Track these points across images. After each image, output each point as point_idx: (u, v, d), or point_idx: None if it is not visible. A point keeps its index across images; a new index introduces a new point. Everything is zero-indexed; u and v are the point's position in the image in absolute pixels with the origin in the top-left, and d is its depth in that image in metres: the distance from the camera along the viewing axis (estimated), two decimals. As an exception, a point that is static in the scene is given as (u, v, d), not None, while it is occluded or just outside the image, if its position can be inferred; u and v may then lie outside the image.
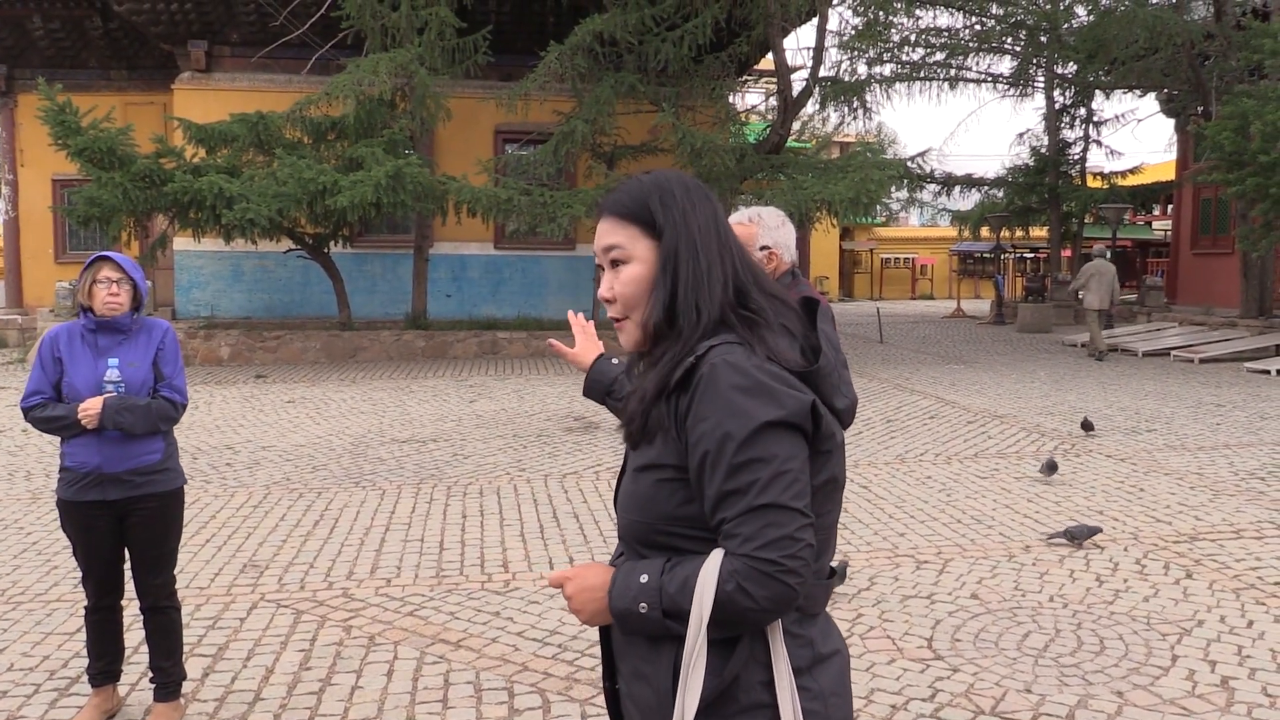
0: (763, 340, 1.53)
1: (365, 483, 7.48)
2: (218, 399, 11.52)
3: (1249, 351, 15.57)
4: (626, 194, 1.62)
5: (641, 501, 1.56)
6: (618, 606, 1.52)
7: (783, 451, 1.46)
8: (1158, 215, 31.69)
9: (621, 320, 1.62)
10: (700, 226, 1.58)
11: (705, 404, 1.47)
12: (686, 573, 1.48)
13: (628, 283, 1.59)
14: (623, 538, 1.63)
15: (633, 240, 1.59)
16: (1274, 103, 14.80)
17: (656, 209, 1.58)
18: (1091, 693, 3.93)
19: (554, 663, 4.23)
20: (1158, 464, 8.06)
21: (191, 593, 5.05)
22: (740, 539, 1.44)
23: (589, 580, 1.58)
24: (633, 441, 1.60)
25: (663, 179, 1.62)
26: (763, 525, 1.43)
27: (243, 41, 17.29)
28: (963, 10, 21.18)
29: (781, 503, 1.44)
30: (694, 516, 1.52)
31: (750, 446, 1.44)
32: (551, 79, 15.45)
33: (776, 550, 1.43)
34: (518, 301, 18.25)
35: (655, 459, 1.54)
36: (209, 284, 17.52)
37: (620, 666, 1.65)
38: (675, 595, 1.47)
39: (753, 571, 1.43)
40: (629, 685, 1.62)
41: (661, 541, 1.55)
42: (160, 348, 3.65)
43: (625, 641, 1.61)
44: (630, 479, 1.60)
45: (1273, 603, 4.90)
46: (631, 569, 1.54)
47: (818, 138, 23.36)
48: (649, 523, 1.55)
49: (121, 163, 13.79)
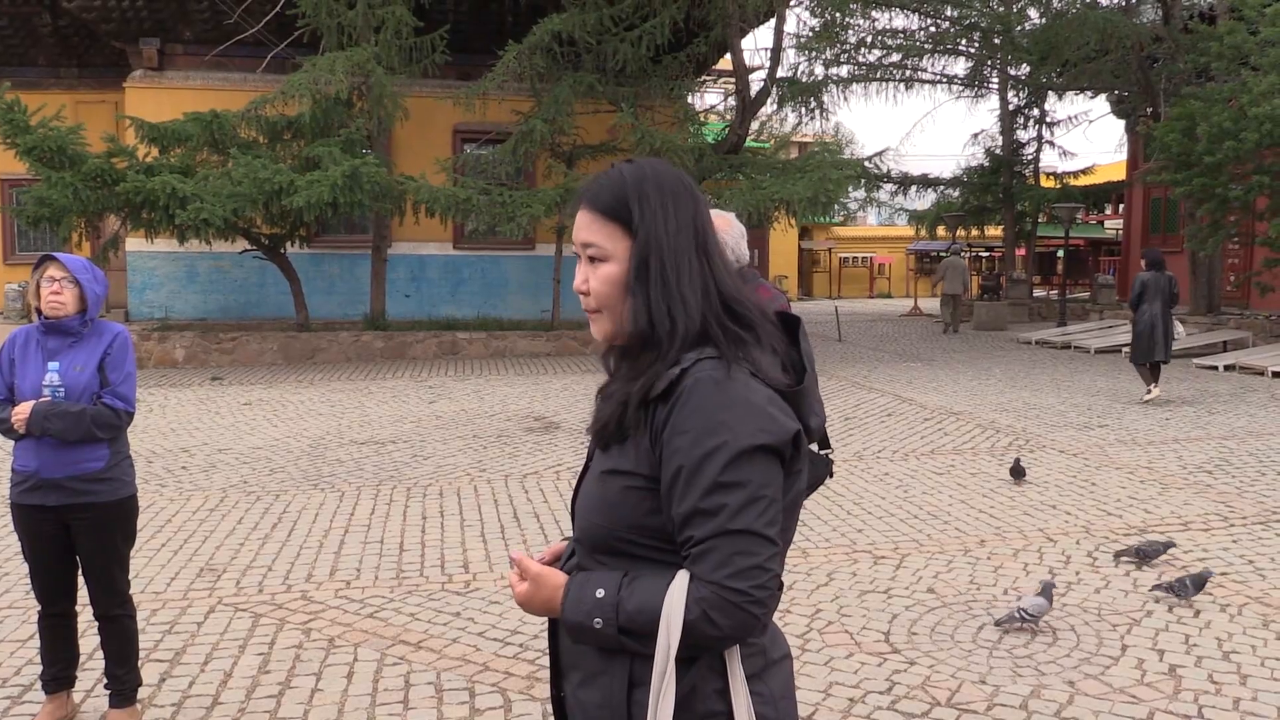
0: (749, 357, 1.49)
1: (324, 485, 7.43)
2: (173, 402, 11.37)
3: (1198, 348, 15.89)
4: (608, 189, 1.56)
5: (606, 506, 1.53)
6: (571, 619, 1.49)
7: (759, 477, 1.43)
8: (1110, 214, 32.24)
9: (595, 313, 1.59)
10: (676, 229, 1.53)
11: (685, 418, 1.44)
12: (645, 594, 1.45)
13: (604, 280, 1.55)
14: (579, 540, 1.60)
15: (611, 239, 1.54)
16: (1219, 105, 15.12)
17: (635, 209, 1.53)
18: (1044, 683, 4.01)
19: (515, 662, 4.24)
20: (1109, 458, 8.21)
21: (147, 597, 5.00)
22: (710, 564, 1.41)
23: (543, 594, 1.55)
24: (603, 443, 1.56)
25: (644, 174, 1.56)
26: (732, 552, 1.40)
27: (196, 39, 17.06)
28: (918, 12, 21.42)
29: (754, 529, 1.41)
30: (658, 527, 1.49)
31: (730, 469, 1.41)
32: (510, 78, 15.42)
33: (745, 580, 1.40)
34: (477, 302, 18.18)
35: (625, 465, 1.51)
36: (163, 285, 17.27)
37: (569, 673, 1.62)
38: (633, 614, 1.44)
39: (721, 601, 1.40)
40: (578, 690, 1.58)
41: (620, 549, 1.51)
42: (108, 352, 3.55)
43: (576, 648, 1.57)
44: (596, 481, 1.57)
45: (1219, 592, 5.02)
46: (585, 581, 1.51)
47: (776, 138, 23.50)
48: (610, 528, 1.52)
49: (72, 162, 13.55)
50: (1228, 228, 16.41)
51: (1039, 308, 24.50)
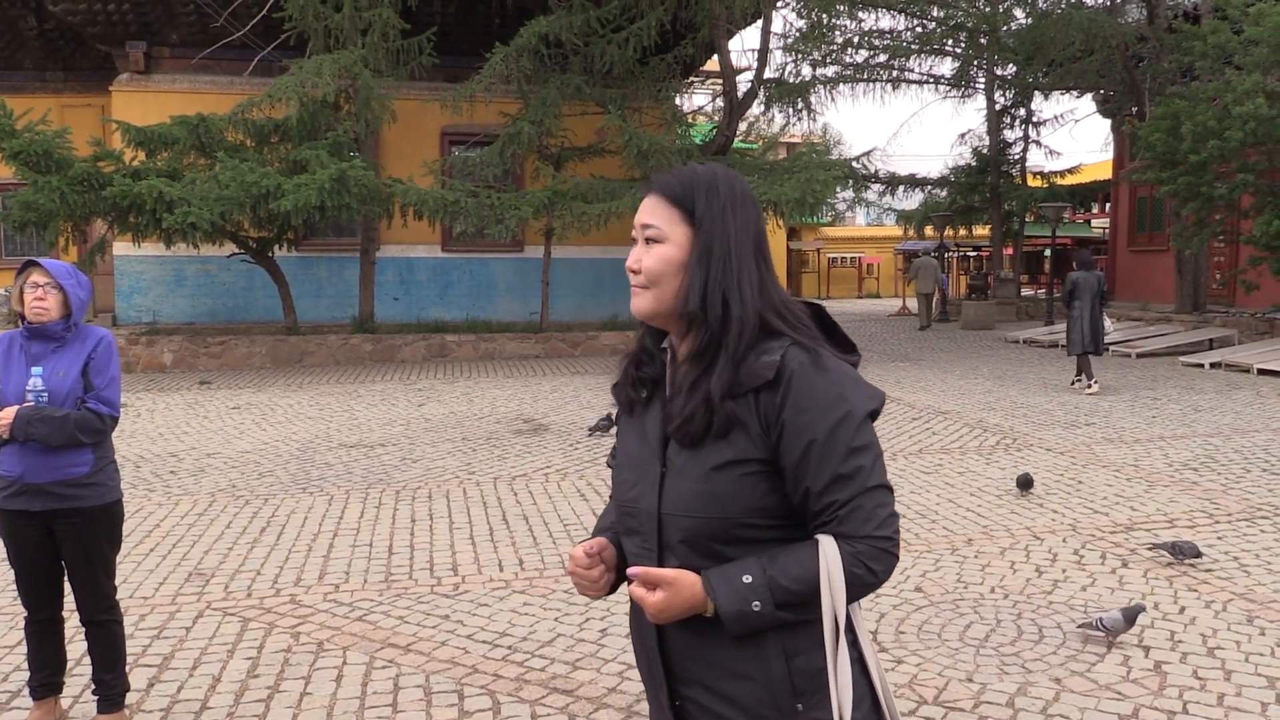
0: (820, 342, 1.64)
1: (313, 488, 7.42)
2: (161, 406, 11.34)
3: (1184, 346, 15.99)
4: (677, 178, 1.68)
5: (719, 499, 1.59)
6: (729, 610, 1.54)
7: (875, 437, 1.60)
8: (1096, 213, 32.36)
9: (643, 289, 1.68)
10: (738, 229, 1.65)
11: (804, 397, 1.56)
12: (795, 566, 1.55)
13: (657, 260, 1.65)
14: (682, 541, 1.62)
15: (670, 223, 1.66)
16: (1204, 104, 15.21)
17: (701, 200, 1.65)
18: (1031, 680, 4.03)
19: (504, 664, 4.24)
20: (1096, 456, 8.26)
21: (135, 603, 4.99)
22: (858, 520, 1.55)
23: (682, 595, 1.57)
24: (693, 441, 1.61)
25: (715, 174, 1.69)
26: (875, 505, 1.56)
27: (182, 43, 17.01)
28: (904, 13, 21.47)
29: (885, 483, 1.59)
30: (774, 506, 1.59)
31: (858, 434, 1.56)
32: (497, 81, 15.41)
33: (889, 527, 1.57)
34: (466, 304, 18.16)
35: (737, 455, 1.58)
36: (150, 289, 17.21)
37: (691, 682, 1.65)
38: (788, 588, 1.53)
39: (876, 551, 1.55)
40: (715, 692, 1.62)
41: (739, 535, 1.59)
42: (91, 357, 3.55)
43: (704, 647, 1.62)
44: (700, 480, 1.60)
45: (1204, 589, 5.05)
46: (723, 573, 1.56)
47: (764, 139, 23.53)
48: (728, 518, 1.58)
49: (58, 166, 13.49)
50: (1213, 226, 16.50)
51: (1026, 307, 24.59)
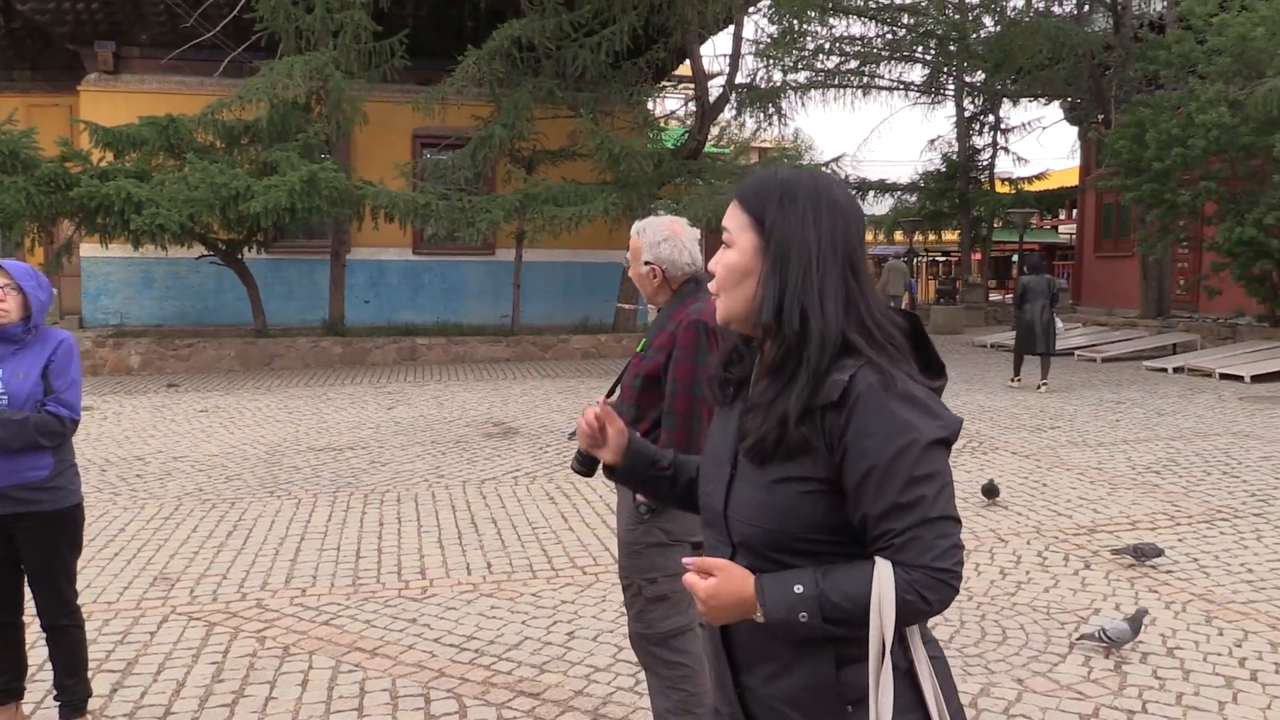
0: (899, 362, 1.58)
1: (280, 492, 7.39)
2: (127, 409, 11.24)
3: (1148, 350, 16.21)
4: (755, 184, 1.65)
5: (780, 512, 1.59)
6: (775, 617, 1.54)
7: (943, 467, 1.55)
8: (1063, 219, 32.74)
9: (716, 294, 1.68)
10: (819, 239, 1.59)
11: (868, 420, 1.52)
12: (847, 584, 1.52)
13: (723, 264, 1.64)
14: (742, 544, 1.64)
15: (741, 229, 1.63)
16: (1168, 112, 15.44)
17: (772, 207, 1.60)
18: (994, 681, 4.08)
19: (470, 667, 4.24)
20: (1060, 460, 8.36)
21: (99, 607, 4.95)
22: (916, 551, 1.51)
23: (731, 585, 1.58)
24: (762, 458, 1.61)
25: (796, 181, 1.63)
26: (935, 537, 1.51)
27: (152, 43, 16.88)
28: (875, 20, 21.63)
29: (949, 514, 1.54)
30: (836, 524, 1.57)
31: (921, 463, 1.52)
32: (469, 83, 15.41)
33: (948, 559, 1.52)
34: (437, 307, 18.10)
35: (799, 472, 1.57)
36: (118, 291, 17.06)
37: (753, 668, 1.67)
38: (838, 604, 1.52)
39: (932, 581, 1.51)
40: (771, 681, 1.64)
41: (798, 548, 1.59)
42: (52, 359, 3.51)
43: (763, 637, 1.62)
44: (763, 491, 1.61)
45: (1164, 590, 5.13)
46: (778, 580, 1.56)
47: (735, 143, 23.59)
48: (790, 531, 1.58)
49: (25, 166, 13.35)
50: (1176, 232, 16.75)
51: (994, 312, 24.83)
